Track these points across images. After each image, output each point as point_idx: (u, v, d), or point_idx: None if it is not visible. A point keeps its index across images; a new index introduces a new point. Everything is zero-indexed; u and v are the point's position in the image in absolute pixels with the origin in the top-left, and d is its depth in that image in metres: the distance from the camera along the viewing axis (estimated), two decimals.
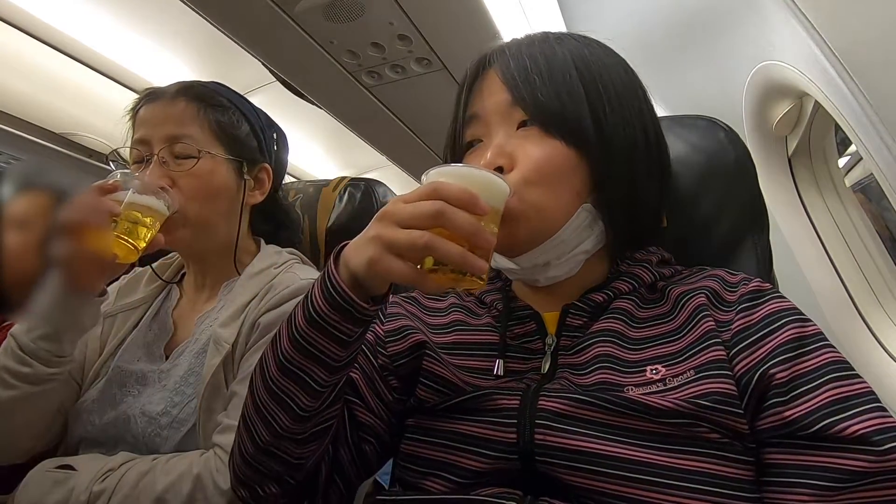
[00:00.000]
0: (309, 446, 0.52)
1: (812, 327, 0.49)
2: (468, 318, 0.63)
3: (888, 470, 0.41)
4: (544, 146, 0.54)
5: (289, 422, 0.50)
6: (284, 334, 0.49)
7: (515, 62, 0.57)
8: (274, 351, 0.50)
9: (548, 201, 0.54)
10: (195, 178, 0.75)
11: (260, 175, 0.85)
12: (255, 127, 0.85)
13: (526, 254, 0.56)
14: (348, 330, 0.47)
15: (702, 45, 1.21)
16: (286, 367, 0.49)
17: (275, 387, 0.50)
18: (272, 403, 0.50)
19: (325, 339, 0.47)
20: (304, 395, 0.49)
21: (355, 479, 0.59)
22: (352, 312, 0.46)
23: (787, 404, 0.45)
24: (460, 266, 0.43)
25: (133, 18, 1.50)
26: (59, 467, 0.66)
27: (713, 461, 0.45)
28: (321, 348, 0.48)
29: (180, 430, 0.68)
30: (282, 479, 0.53)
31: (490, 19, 1.27)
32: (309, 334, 0.47)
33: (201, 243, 0.79)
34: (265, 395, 0.50)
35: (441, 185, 0.45)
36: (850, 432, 0.42)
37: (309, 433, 0.51)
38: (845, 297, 1.16)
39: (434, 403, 0.56)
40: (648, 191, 0.58)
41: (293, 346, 0.48)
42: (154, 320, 0.82)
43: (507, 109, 0.56)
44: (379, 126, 1.75)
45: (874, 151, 0.82)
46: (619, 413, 0.47)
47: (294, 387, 0.49)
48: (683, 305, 0.54)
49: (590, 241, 0.57)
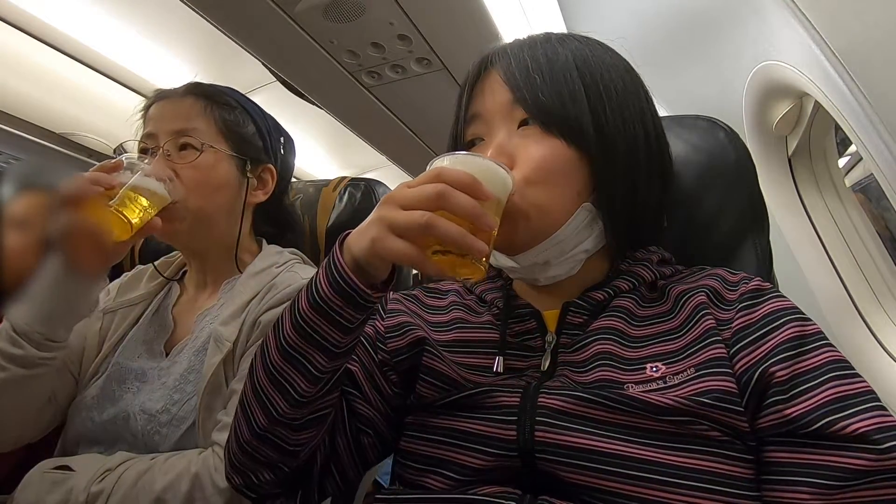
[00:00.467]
0: (304, 433, 0.53)
1: (812, 327, 0.49)
2: (469, 316, 0.63)
3: (888, 469, 0.41)
4: (544, 145, 0.54)
5: (286, 407, 0.50)
6: (287, 319, 0.50)
7: (517, 62, 0.57)
8: (276, 336, 0.51)
9: (548, 200, 0.54)
10: (197, 170, 0.76)
11: (263, 175, 0.86)
12: (262, 128, 0.86)
13: (525, 252, 0.56)
14: (350, 316, 0.48)
15: (702, 45, 1.21)
16: (287, 351, 0.49)
17: (274, 371, 0.50)
18: (271, 388, 0.50)
19: (327, 325, 0.48)
20: (303, 380, 0.49)
21: (351, 470, 0.59)
22: (354, 297, 0.47)
23: (787, 402, 0.45)
24: (460, 245, 0.43)
25: (133, 18, 1.50)
26: (58, 468, 0.66)
27: (714, 459, 0.45)
28: (323, 334, 0.48)
29: (180, 428, 0.68)
30: (276, 466, 0.53)
31: (490, 19, 1.27)
32: (312, 319, 0.48)
33: (200, 238, 0.79)
34: (265, 379, 0.51)
35: (444, 169, 0.46)
36: (850, 430, 0.42)
37: (305, 419, 0.52)
38: (845, 298, 1.16)
39: (434, 399, 0.56)
40: (649, 191, 0.58)
41: (295, 330, 0.49)
42: (154, 317, 0.82)
43: (507, 109, 0.57)
44: (379, 126, 1.75)
45: (874, 151, 0.82)
46: (620, 410, 0.47)
47: (294, 372, 0.49)
48: (684, 304, 0.54)
49: (590, 240, 0.57)
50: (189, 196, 0.75)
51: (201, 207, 0.76)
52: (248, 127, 0.83)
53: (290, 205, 0.96)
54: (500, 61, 0.59)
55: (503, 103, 0.57)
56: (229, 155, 0.80)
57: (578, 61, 0.56)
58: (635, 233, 0.59)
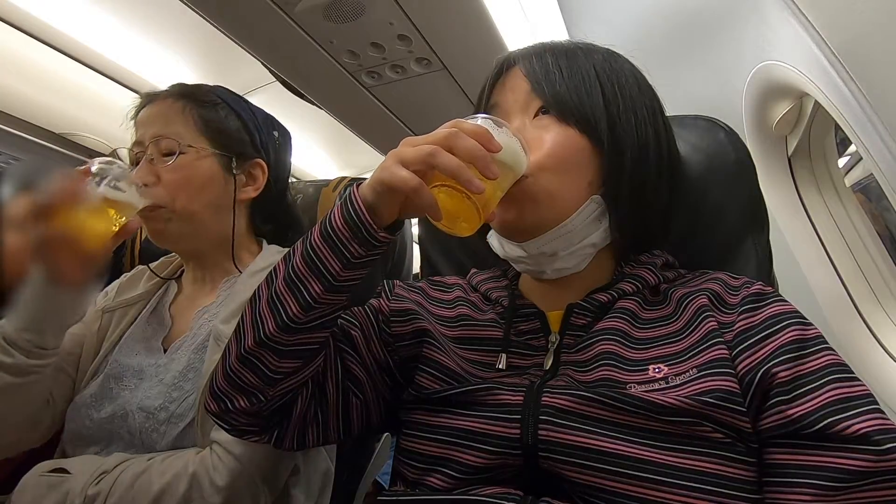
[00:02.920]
0: (287, 361, 0.53)
1: (813, 330, 0.50)
2: (473, 314, 0.63)
3: (888, 469, 0.41)
4: (559, 133, 0.57)
5: (274, 328, 0.51)
6: (298, 248, 0.52)
7: (538, 58, 0.61)
8: (285, 263, 0.52)
9: (559, 187, 0.56)
10: (178, 171, 0.77)
11: (253, 171, 0.85)
12: (248, 123, 0.85)
13: (534, 240, 0.57)
14: (355, 250, 0.49)
15: (702, 45, 1.21)
16: (290, 276, 0.51)
17: (273, 294, 0.52)
18: (266, 309, 0.52)
19: (331, 254, 0.49)
20: (295, 304, 0.50)
21: (332, 424, 0.60)
22: (361, 230, 0.48)
23: (790, 403, 0.46)
24: (458, 177, 0.45)
25: (133, 18, 1.50)
26: (54, 471, 0.65)
27: (716, 461, 0.45)
28: (325, 263, 0.50)
29: (178, 426, 0.68)
30: (253, 393, 0.54)
31: (490, 19, 1.27)
32: (318, 247, 0.50)
33: (191, 238, 0.79)
34: (263, 301, 0.52)
35: (459, 121, 0.50)
36: (851, 431, 0.43)
37: (290, 348, 0.52)
38: (845, 298, 1.16)
39: (434, 391, 0.56)
40: (656, 191, 0.60)
41: (302, 258, 0.51)
42: (152, 315, 0.82)
43: (525, 99, 0.60)
44: (379, 126, 1.75)
45: (874, 151, 0.82)
46: (624, 410, 0.47)
47: (289, 296, 0.51)
48: (686, 307, 0.55)
49: (597, 234, 0.58)
50: (173, 197, 0.76)
51: (185, 207, 0.77)
52: (231, 122, 0.83)
53: (292, 203, 0.95)
54: (522, 59, 0.62)
55: (522, 94, 0.60)
56: (211, 153, 0.79)
57: (597, 64, 0.60)
58: (641, 231, 0.61)
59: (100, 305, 0.84)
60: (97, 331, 0.80)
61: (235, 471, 0.62)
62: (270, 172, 0.86)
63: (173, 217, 0.76)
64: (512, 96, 0.61)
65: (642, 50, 0.65)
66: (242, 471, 0.63)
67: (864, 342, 1.13)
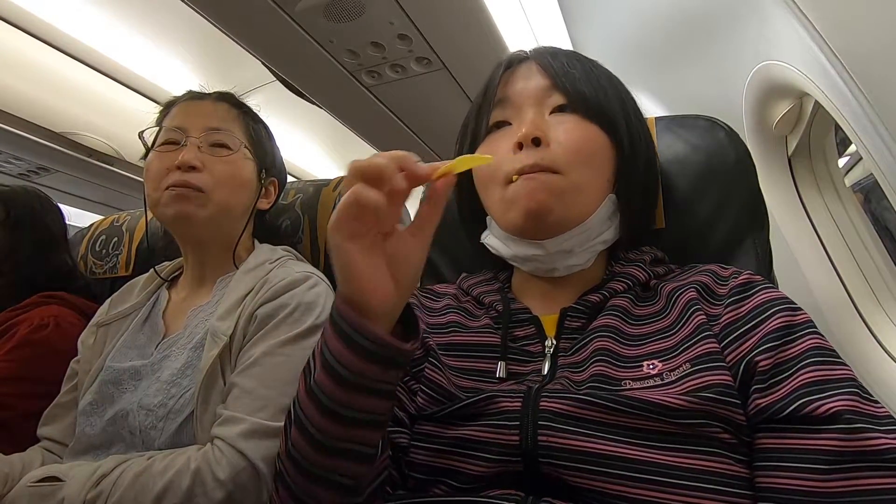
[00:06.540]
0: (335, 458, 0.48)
1: (801, 316, 0.49)
2: (466, 320, 0.63)
3: (857, 451, 0.40)
4: (584, 128, 0.58)
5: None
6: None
7: (553, 56, 0.62)
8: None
9: (588, 182, 0.58)
10: (229, 165, 0.82)
11: (270, 187, 0.93)
12: (275, 146, 0.95)
13: (555, 237, 0.58)
14: (392, 377, 0.46)
15: (702, 45, 1.21)
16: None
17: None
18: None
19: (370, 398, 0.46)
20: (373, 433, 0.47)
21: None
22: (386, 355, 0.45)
23: (764, 391, 0.46)
24: (382, 170, 0.45)
25: (133, 18, 1.51)
26: (44, 479, 0.63)
27: (718, 460, 0.44)
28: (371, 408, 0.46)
29: (175, 421, 0.68)
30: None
31: (490, 19, 1.27)
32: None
33: (214, 229, 0.82)
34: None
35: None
36: (822, 411, 0.42)
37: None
38: (845, 297, 1.16)
39: (432, 412, 0.55)
40: (656, 192, 0.66)
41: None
42: (146, 323, 0.83)
43: (542, 94, 0.60)
44: (379, 126, 1.75)
45: (874, 151, 0.82)
46: (622, 412, 0.47)
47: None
48: (675, 301, 0.55)
49: (609, 232, 0.60)
50: (216, 188, 0.80)
51: (223, 199, 0.81)
52: (266, 141, 0.92)
53: (273, 224, 1.03)
54: (535, 54, 0.63)
55: (538, 88, 0.60)
56: (254, 159, 0.87)
57: (606, 74, 0.64)
58: (638, 230, 0.63)
59: (94, 321, 0.86)
60: (92, 345, 0.82)
61: (238, 465, 0.62)
62: (277, 192, 0.95)
63: (208, 204, 0.79)
64: (525, 89, 0.61)
65: (643, 50, 0.66)
66: (245, 465, 0.62)
67: (863, 342, 1.13)
